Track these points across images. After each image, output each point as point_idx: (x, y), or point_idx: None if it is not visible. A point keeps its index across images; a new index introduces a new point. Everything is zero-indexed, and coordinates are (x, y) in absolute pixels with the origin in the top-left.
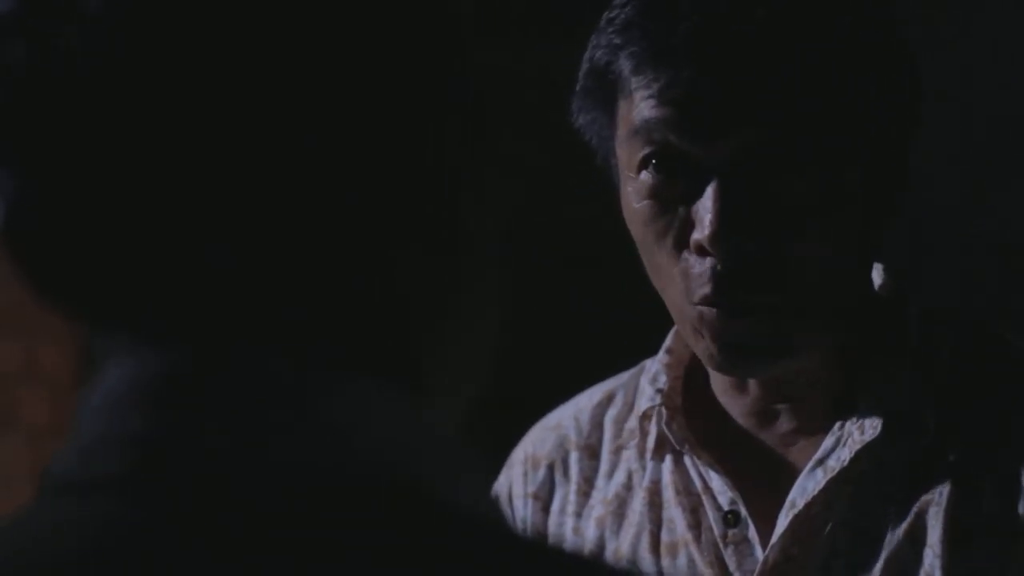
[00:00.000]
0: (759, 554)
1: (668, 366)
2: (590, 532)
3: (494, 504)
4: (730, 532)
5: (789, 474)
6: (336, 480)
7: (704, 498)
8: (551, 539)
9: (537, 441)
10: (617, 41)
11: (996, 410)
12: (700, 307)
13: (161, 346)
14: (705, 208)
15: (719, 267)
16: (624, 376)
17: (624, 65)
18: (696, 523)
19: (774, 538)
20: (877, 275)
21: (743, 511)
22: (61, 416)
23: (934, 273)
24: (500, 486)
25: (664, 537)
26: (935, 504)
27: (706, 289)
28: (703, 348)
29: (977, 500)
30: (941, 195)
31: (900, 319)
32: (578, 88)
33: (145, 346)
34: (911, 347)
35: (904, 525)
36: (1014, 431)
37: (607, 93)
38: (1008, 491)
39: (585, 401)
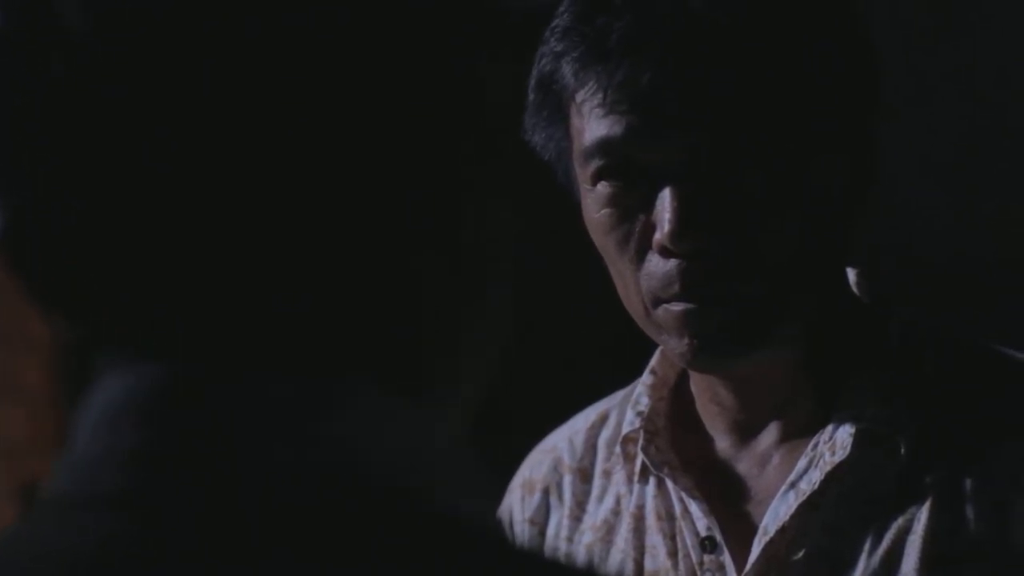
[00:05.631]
0: None
1: (652, 387)
2: (580, 559)
3: (495, 516)
4: (706, 558)
5: (765, 497)
6: (338, 491)
7: (683, 523)
8: None
9: (534, 464)
10: (558, 48)
11: (979, 430)
12: (668, 305)
13: (160, 358)
14: (663, 209)
15: (684, 264)
16: (618, 395)
17: (567, 71)
18: (674, 550)
19: (747, 566)
20: (853, 279)
21: (718, 537)
22: (41, 432)
23: (924, 283)
24: (502, 512)
25: (647, 565)
26: (913, 529)
27: (675, 287)
28: (674, 346)
29: (957, 525)
30: (933, 204)
31: (881, 331)
32: (528, 103)
33: (144, 359)
34: (891, 361)
35: (880, 551)
36: (998, 453)
37: (556, 104)
38: (990, 516)
39: (580, 422)
